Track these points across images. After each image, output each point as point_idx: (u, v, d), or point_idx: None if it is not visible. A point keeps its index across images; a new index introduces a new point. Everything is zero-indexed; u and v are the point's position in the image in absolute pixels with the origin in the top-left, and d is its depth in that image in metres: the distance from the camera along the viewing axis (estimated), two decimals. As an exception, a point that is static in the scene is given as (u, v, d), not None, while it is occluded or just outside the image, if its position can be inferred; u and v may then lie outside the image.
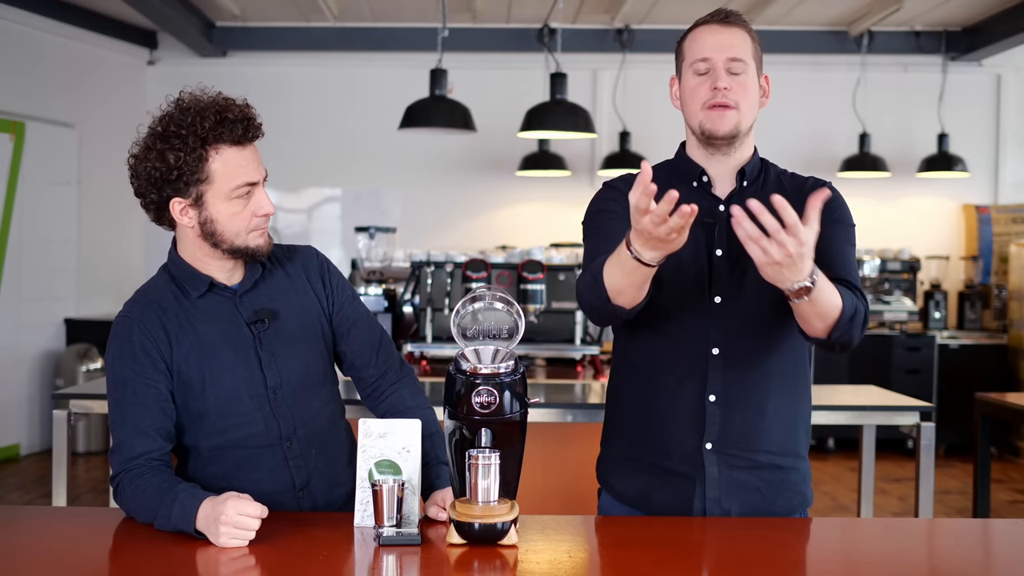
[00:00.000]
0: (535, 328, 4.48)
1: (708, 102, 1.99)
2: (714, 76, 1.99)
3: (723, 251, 2.01)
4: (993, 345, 7.53)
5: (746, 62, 1.99)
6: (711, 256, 2.01)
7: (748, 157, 2.07)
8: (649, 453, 2.06)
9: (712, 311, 2.00)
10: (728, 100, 1.98)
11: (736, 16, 2.03)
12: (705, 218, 2.00)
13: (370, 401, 2.20)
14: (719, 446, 2.01)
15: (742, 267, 1.99)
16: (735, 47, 1.99)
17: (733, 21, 2.02)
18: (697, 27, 2.05)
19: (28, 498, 5.83)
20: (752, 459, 2.02)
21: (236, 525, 1.77)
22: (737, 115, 1.99)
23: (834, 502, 5.93)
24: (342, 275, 2.19)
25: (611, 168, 7.33)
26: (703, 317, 2.01)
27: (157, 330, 1.98)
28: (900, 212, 8.17)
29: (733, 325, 2.00)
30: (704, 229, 2.01)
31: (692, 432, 2.01)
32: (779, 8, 7.22)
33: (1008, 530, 2.14)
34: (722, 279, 2.00)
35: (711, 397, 2.01)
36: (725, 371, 2.00)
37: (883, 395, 3.78)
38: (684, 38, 2.07)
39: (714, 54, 1.99)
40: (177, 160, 1.92)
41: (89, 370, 6.97)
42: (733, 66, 1.98)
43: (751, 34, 2.04)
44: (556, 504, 3.54)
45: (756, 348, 2.02)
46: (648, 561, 1.75)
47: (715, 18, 2.03)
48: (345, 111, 8.18)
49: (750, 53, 2.01)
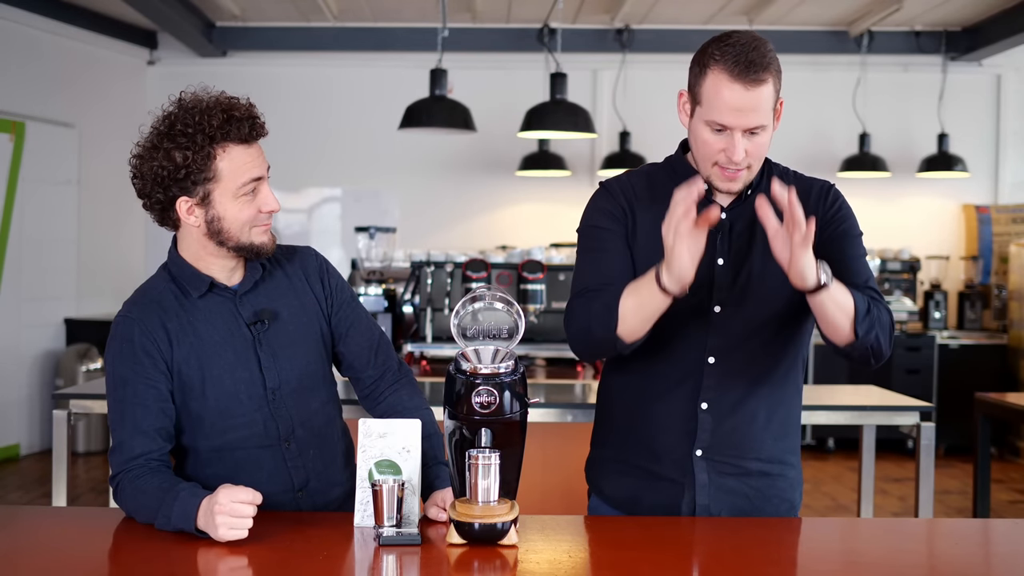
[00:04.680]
0: (535, 328, 4.48)
1: (721, 164, 1.91)
2: (730, 144, 1.87)
3: (724, 260, 2.00)
4: (993, 345, 7.53)
5: (767, 125, 1.87)
6: (712, 265, 1.99)
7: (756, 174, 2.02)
8: (639, 457, 2.05)
9: (711, 320, 1.99)
10: (741, 165, 1.90)
11: (763, 63, 1.83)
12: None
13: (368, 402, 2.20)
14: (709, 453, 2.01)
15: (743, 277, 1.99)
16: (758, 112, 1.85)
17: (761, 77, 1.83)
18: (719, 73, 1.84)
19: (28, 498, 5.83)
20: (741, 466, 2.02)
21: (231, 513, 1.76)
22: (748, 174, 1.94)
23: (834, 502, 5.93)
24: (341, 277, 2.19)
25: (611, 168, 7.33)
26: (701, 326, 1.99)
27: (158, 330, 1.98)
28: (900, 212, 8.17)
29: (731, 334, 1.99)
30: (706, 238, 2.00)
31: (683, 438, 2.01)
32: (779, 8, 7.21)
33: (1008, 530, 2.14)
34: (723, 289, 1.99)
35: (703, 405, 2.00)
36: (719, 380, 2.00)
37: (883, 395, 3.78)
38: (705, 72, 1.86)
39: (733, 121, 1.85)
40: (185, 159, 1.92)
41: (89, 370, 6.97)
42: (753, 130, 1.87)
43: (775, 75, 1.86)
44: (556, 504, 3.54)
45: (752, 358, 2.01)
46: (648, 561, 1.75)
47: (743, 73, 1.82)
48: (345, 111, 8.18)
49: (771, 103, 1.87)
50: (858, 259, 2.00)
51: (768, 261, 1.92)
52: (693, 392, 2.00)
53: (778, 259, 1.82)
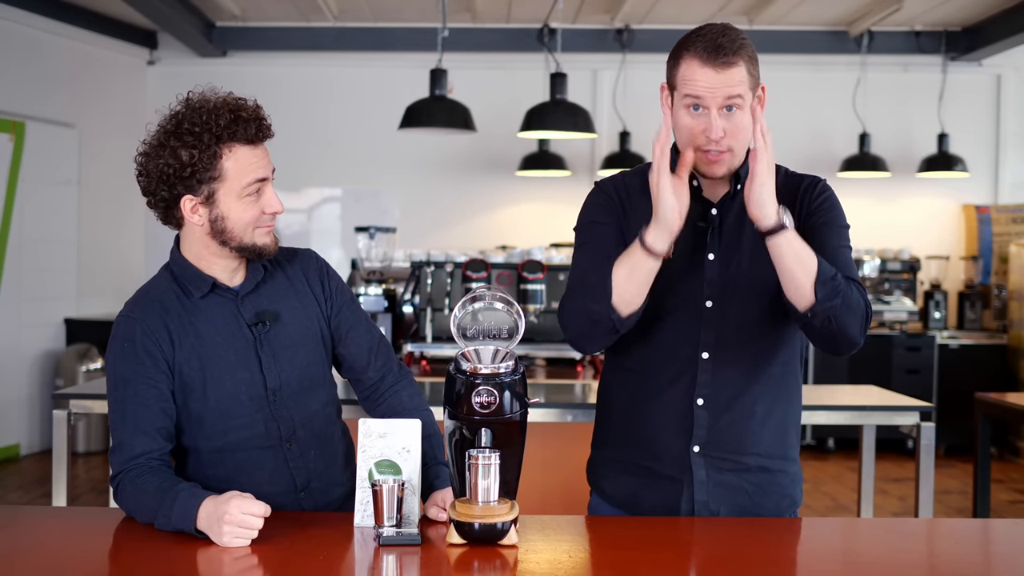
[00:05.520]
0: (535, 328, 4.48)
1: (701, 147, 1.93)
2: (707, 121, 1.90)
3: (715, 255, 2.01)
4: (993, 345, 7.53)
5: (742, 96, 1.89)
6: (703, 260, 2.00)
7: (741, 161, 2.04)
8: (637, 456, 2.06)
9: (703, 315, 2.00)
10: (722, 147, 1.92)
11: (733, 48, 1.89)
12: (697, 222, 2.01)
13: (368, 404, 2.20)
14: (707, 449, 2.01)
15: (733, 271, 1.99)
16: (732, 87, 1.88)
17: (730, 60, 1.88)
18: (691, 55, 1.90)
19: (28, 498, 5.83)
20: (740, 462, 2.02)
21: (240, 524, 1.77)
22: (731, 157, 1.95)
23: (834, 502, 5.93)
24: (341, 279, 2.20)
25: (611, 168, 7.33)
26: (694, 321, 2.00)
27: (160, 330, 1.98)
28: (900, 212, 8.18)
29: (724, 330, 2.00)
30: (696, 233, 2.01)
31: (680, 435, 2.02)
32: (779, 8, 7.21)
33: (1008, 530, 2.14)
34: (714, 283, 2.00)
35: (699, 401, 2.01)
36: (714, 375, 2.00)
37: (883, 395, 3.78)
38: (677, 62, 1.94)
39: (707, 95, 1.89)
40: (191, 157, 1.92)
41: (89, 370, 6.98)
42: (729, 102, 1.89)
43: (748, 60, 1.91)
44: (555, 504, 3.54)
45: (746, 353, 2.01)
46: (648, 561, 1.75)
47: (712, 57, 1.88)
48: (345, 111, 8.18)
49: (747, 84, 1.90)
50: (839, 249, 1.99)
51: (759, 256, 1.94)
52: (689, 388, 2.01)
53: (745, 195, 1.87)
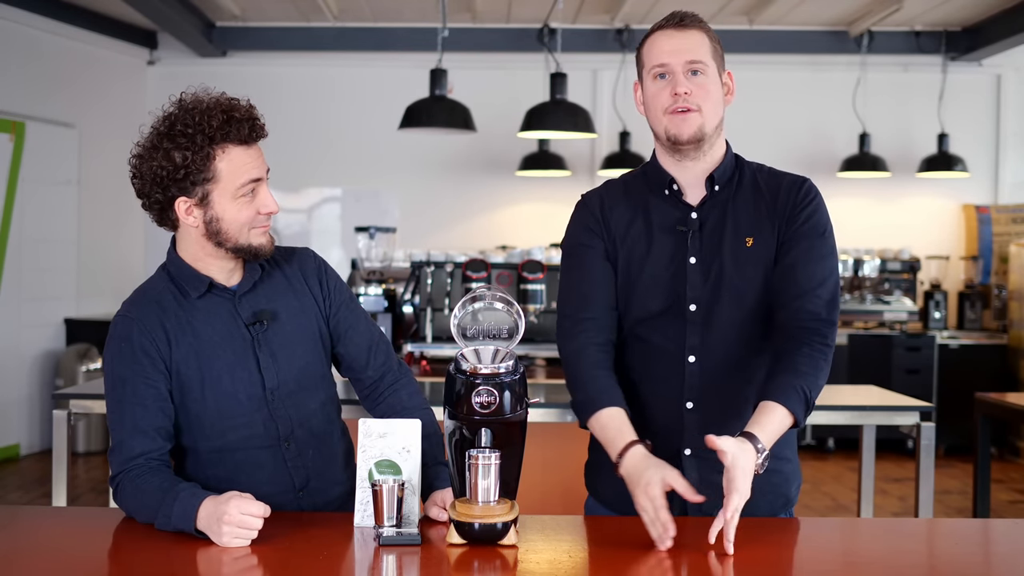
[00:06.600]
0: (535, 328, 4.47)
1: (669, 107, 1.97)
2: (673, 81, 1.97)
3: (696, 259, 2.01)
4: (993, 345, 7.53)
5: (705, 63, 1.97)
6: (684, 264, 2.01)
7: (719, 160, 2.05)
8: None
9: (687, 319, 2.01)
10: (690, 104, 1.96)
11: (692, 18, 2.01)
12: (678, 226, 2.02)
13: (368, 403, 2.20)
14: (698, 452, 2.01)
15: (716, 275, 2.00)
16: (693, 50, 1.97)
17: (689, 24, 2.00)
18: (654, 32, 2.02)
19: (28, 498, 5.83)
20: None
21: (240, 525, 1.77)
22: (700, 117, 1.97)
23: (834, 502, 5.93)
24: (339, 278, 2.19)
25: (611, 168, 7.33)
26: (679, 325, 2.01)
27: (157, 330, 1.98)
28: (900, 212, 8.17)
29: (709, 332, 2.00)
30: (677, 237, 2.02)
31: (671, 438, 2.02)
32: (779, 8, 7.22)
33: (1008, 530, 2.14)
34: (696, 287, 2.00)
35: (688, 404, 2.01)
36: (702, 378, 2.01)
37: (883, 395, 3.78)
38: (642, 44, 2.04)
39: (672, 59, 1.97)
40: (184, 159, 1.92)
41: (89, 370, 6.98)
42: (692, 67, 1.97)
43: (710, 34, 2.01)
44: (556, 504, 3.54)
45: (733, 355, 2.01)
46: (648, 561, 1.75)
47: (671, 22, 2.01)
48: (345, 111, 8.18)
49: (709, 53, 1.99)
50: (815, 262, 1.99)
51: (739, 258, 1.98)
52: (677, 392, 2.02)
53: None
